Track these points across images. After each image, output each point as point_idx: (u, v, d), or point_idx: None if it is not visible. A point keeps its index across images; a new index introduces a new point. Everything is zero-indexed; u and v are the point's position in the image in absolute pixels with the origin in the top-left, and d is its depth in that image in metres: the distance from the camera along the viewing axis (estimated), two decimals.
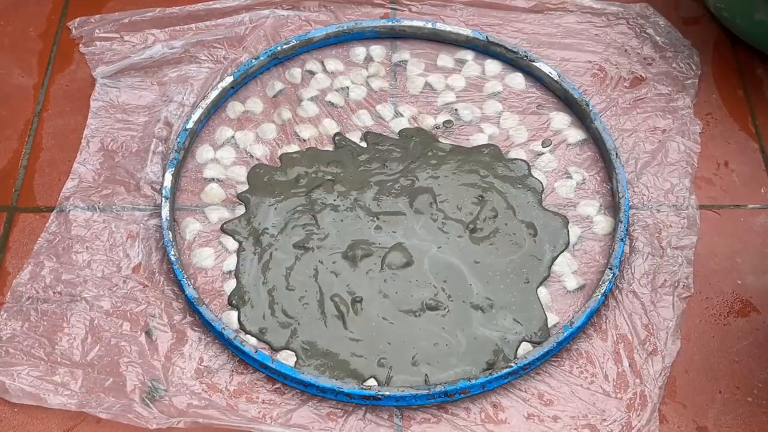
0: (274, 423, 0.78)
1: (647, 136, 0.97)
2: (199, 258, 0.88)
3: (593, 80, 1.01)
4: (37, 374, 0.80)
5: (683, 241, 0.89)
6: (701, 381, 0.81)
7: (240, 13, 1.06)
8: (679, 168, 0.94)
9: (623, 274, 0.87)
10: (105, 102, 0.99)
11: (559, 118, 0.98)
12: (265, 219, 0.90)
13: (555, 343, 0.81)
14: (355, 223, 0.89)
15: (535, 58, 1.01)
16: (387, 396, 0.78)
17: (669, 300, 0.85)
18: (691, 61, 1.02)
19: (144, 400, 0.79)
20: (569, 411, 0.79)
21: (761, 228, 0.91)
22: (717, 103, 1.01)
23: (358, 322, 0.83)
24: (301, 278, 0.86)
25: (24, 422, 0.79)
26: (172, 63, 1.02)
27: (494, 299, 0.84)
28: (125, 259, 0.88)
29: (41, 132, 0.98)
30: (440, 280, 0.85)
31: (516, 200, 0.91)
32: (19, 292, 0.86)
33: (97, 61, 1.02)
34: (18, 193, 0.94)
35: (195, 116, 0.96)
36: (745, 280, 0.87)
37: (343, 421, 0.79)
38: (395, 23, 1.03)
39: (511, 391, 0.81)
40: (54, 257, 0.88)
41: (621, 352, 0.83)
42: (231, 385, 0.81)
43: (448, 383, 0.79)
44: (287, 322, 0.83)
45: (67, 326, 0.84)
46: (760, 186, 0.94)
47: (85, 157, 0.95)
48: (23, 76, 1.03)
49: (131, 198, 0.92)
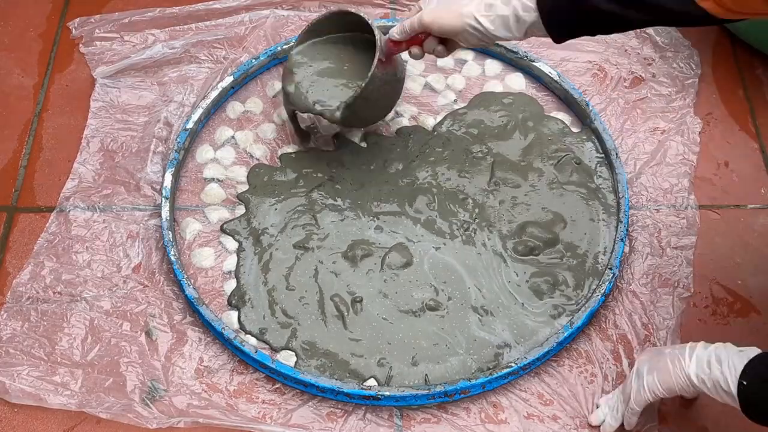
0: (274, 423, 0.78)
1: (647, 136, 0.97)
2: (199, 258, 0.88)
3: (593, 80, 1.01)
4: (38, 374, 0.80)
5: (683, 241, 0.89)
6: None
7: (240, 13, 1.06)
8: (679, 168, 0.94)
9: (623, 274, 0.87)
10: (105, 102, 0.99)
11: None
12: (265, 219, 0.90)
13: (555, 343, 0.81)
14: (355, 224, 0.89)
15: (535, 58, 1.01)
16: (387, 396, 0.78)
17: (669, 300, 0.85)
18: (691, 61, 1.02)
19: (144, 400, 0.79)
20: (569, 411, 0.79)
21: (761, 228, 0.91)
22: (717, 103, 1.01)
23: (358, 322, 0.83)
24: (302, 278, 0.86)
25: (24, 422, 0.79)
26: (172, 63, 1.02)
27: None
28: (125, 259, 0.88)
29: (41, 132, 0.98)
30: (440, 281, 0.86)
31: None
32: (19, 292, 0.86)
33: (97, 61, 1.02)
34: (18, 193, 0.94)
35: (195, 116, 0.96)
36: (745, 280, 0.87)
37: (343, 421, 0.79)
38: (395, 23, 1.03)
39: (511, 391, 0.81)
40: (54, 257, 0.88)
41: (621, 352, 0.83)
42: (231, 385, 0.81)
43: (448, 383, 0.79)
44: (287, 323, 0.83)
45: (67, 326, 0.84)
46: (760, 186, 0.94)
47: (85, 157, 0.95)
48: (23, 76, 1.03)
49: (131, 198, 0.92)
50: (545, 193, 0.91)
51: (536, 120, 0.97)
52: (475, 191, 0.92)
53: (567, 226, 0.89)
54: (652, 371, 0.71)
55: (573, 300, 0.85)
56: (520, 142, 0.95)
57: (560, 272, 0.86)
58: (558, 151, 0.94)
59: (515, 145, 0.95)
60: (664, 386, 0.70)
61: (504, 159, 0.94)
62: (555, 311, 0.84)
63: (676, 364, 0.69)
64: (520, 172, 0.93)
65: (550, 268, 0.86)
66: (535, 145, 0.95)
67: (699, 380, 0.68)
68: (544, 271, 0.86)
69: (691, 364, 0.68)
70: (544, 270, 0.86)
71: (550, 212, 0.90)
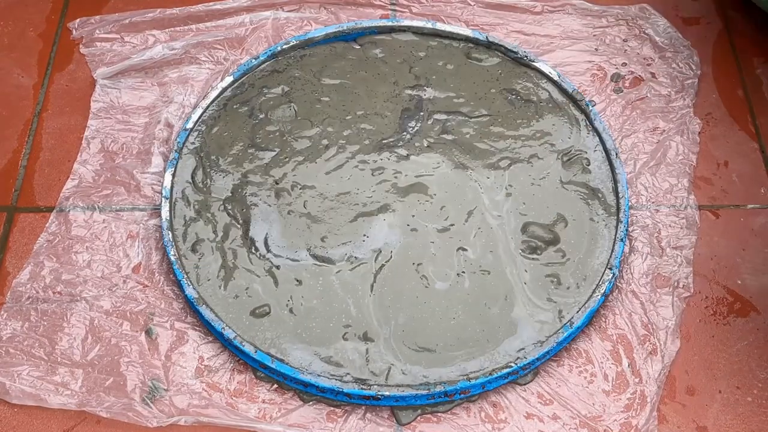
0: (274, 422, 0.79)
1: (647, 136, 0.97)
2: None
3: (593, 80, 1.02)
4: (38, 374, 0.80)
5: (683, 241, 0.89)
6: (701, 381, 0.82)
7: (241, 14, 1.06)
8: (679, 168, 0.94)
9: (623, 274, 0.87)
10: (105, 103, 0.99)
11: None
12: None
13: (555, 343, 0.81)
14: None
15: (535, 59, 1.01)
16: (387, 396, 0.78)
17: (668, 300, 0.85)
18: (691, 61, 1.02)
19: (144, 399, 0.79)
20: (569, 411, 0.79)
21: (761, 228, 0.91)
22: (717, 103, 1.01)
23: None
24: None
25: (24, 422, 0.79)
26: (172, 64, 1.02)
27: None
28: (125, 259, 0.88)
29: (41, 132, 0.98)
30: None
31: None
32: (19, 292, 0.86)
33: (97, 62, 1.02)
34: (18, 193, 0.94)
35: (195, 116, 0.96)
36: (745, 280, 0.88)
37: (343, 421, 0.79)
38: (395, 23, 1.04)
39: (511, 391, 0.81)
40: (54, 257, 0.88)
41: (620, 352, 0.83)
42: (231, 384, 0.81)
43: (448, 383, 0.79)
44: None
45: (67, 326, 0.84)
46: (760, 186, 0.94)
47: (86, 158, 0.95)
48: (23, 76, 1.03)
49: (131, 198, 0.92)
50: (549, 191, 0.91)
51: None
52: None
53: (567, 225, 0.89)
54: None
55: (573, 300, 0.85)
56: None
57: (560, 272, 0.86)
58: (571, 149, 0.94)
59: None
60: None
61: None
62: (555, 311, 0.84)
63: None
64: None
65: (551, 267, 0.86)
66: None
67: None
68: (545, 271, 0.86)
69: None
70: (544, 270, 0.86)
71: (552, 211, 0.90)
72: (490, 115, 0.97)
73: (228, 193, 0.91)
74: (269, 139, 0.95)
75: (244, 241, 0.88)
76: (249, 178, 0.92)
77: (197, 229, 0.89)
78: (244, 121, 0.97)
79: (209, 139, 0.95)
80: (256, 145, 0.94)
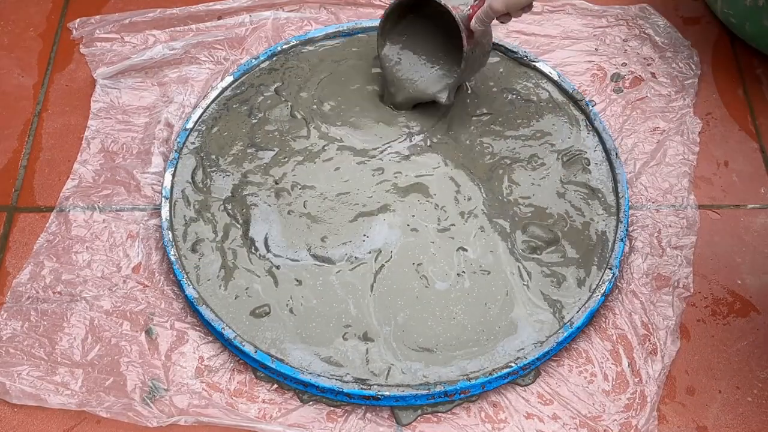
0: (274, 422, 0.78)
1: (647, 136, 0.97)
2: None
3: (593, 80, 1.02)
4: (38, 374, 0.80)
5: (683, 241, 0.89)
6: (701, 381, 0.81)
7: (240, 14, 1.06)
8: (679, 168, 0.94)
9: (623, 274, 0.87)
10: (105, 103, 0.99)
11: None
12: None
13: (555, 343, 0.81)
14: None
15: (536, 59, 1.01)
16: (387, 396, 0.78)
17: (669, 300, 0.85)
18: (691, 61, 1.02)
19: (144, 399, 0.79)
20: (569, 410, 0.79)
21: (761, 228, 0.91)
22: (717, 103, 1.01)
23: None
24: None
25: (24, 422, 0.79)
26: (172, 64, 1.02)
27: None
28: (125, 259, 0.88)
29: (41, 132, 0.98)
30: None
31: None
32: (19, 292, 0.86)
33: (97, 62, 1.02)
34: (18, 193, 0.94)
35: (195, 116, 0.96)
36: (745, 280, 0.88)
37: (343, 421, 0.79)
38: None
39: (510, 391, 0.81)
40: (54, 257, 0.88)
41: (620, 352, 0.83)
42: (231, 384, 0.81)
43: (448, 383, 0.79)
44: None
45: (67, 326, 0.84)
46: (760, 186, 0.94)
47: (86, 158, 0.95)
48: (23, 76, 1.03)
49: (131, 198, 0.92)
50: (549, 191, 0.91)
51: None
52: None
53: (567, 225, 0.89)
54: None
55: (573, 300, 0.85)
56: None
57: (560, 272, 0.86)
58: (571, 149, 0.94)
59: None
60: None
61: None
62: (555, 311, 0.84)
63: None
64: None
65: (551, 267, 0.86)
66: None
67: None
68: (545, 271, 0.86)
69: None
70: (544, 270, 0.86)
71: (553, 211, 0.90)
72: (490, 114, 0.97)
73: (228, 193, 0.91)
74: (268, 138, 0.95)
75: (244, 241, 0.88)
76: (249, 178, 0.92)
77: (197, 229, 0.89)
78: (244, 120, 0.97)
79: (209, 138, 0.95)
80: (256, 145, 0.94)
